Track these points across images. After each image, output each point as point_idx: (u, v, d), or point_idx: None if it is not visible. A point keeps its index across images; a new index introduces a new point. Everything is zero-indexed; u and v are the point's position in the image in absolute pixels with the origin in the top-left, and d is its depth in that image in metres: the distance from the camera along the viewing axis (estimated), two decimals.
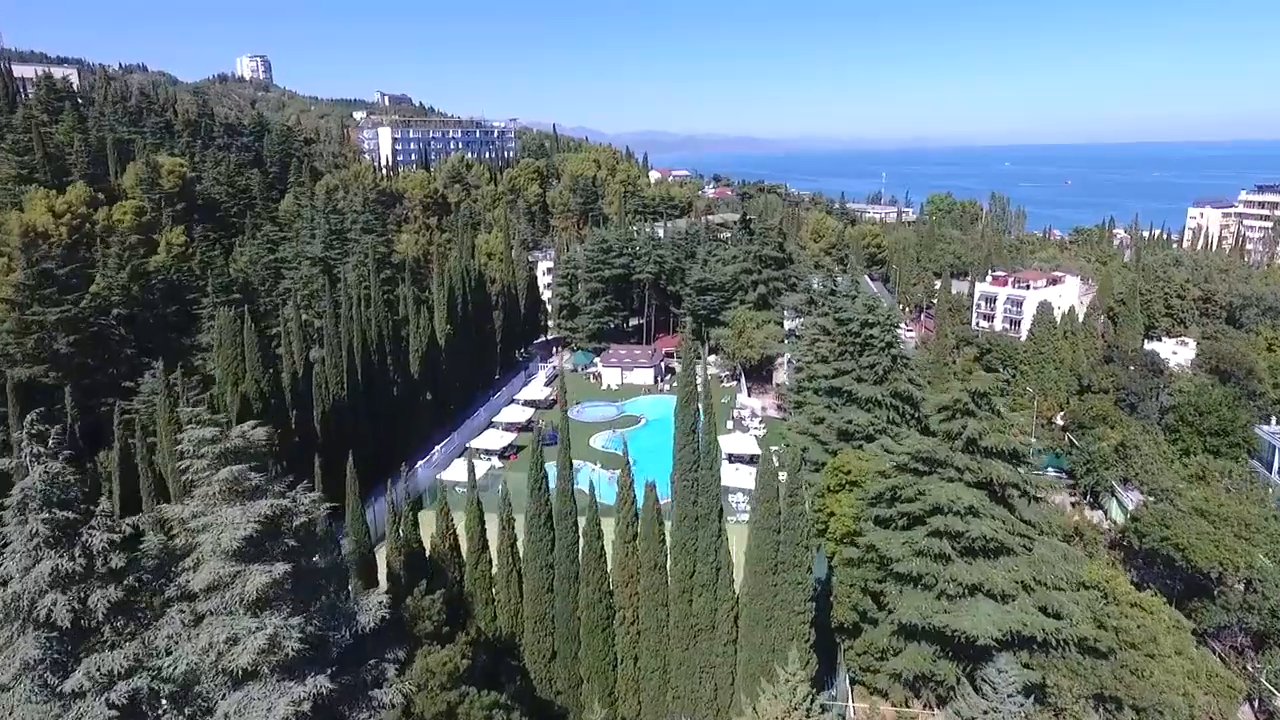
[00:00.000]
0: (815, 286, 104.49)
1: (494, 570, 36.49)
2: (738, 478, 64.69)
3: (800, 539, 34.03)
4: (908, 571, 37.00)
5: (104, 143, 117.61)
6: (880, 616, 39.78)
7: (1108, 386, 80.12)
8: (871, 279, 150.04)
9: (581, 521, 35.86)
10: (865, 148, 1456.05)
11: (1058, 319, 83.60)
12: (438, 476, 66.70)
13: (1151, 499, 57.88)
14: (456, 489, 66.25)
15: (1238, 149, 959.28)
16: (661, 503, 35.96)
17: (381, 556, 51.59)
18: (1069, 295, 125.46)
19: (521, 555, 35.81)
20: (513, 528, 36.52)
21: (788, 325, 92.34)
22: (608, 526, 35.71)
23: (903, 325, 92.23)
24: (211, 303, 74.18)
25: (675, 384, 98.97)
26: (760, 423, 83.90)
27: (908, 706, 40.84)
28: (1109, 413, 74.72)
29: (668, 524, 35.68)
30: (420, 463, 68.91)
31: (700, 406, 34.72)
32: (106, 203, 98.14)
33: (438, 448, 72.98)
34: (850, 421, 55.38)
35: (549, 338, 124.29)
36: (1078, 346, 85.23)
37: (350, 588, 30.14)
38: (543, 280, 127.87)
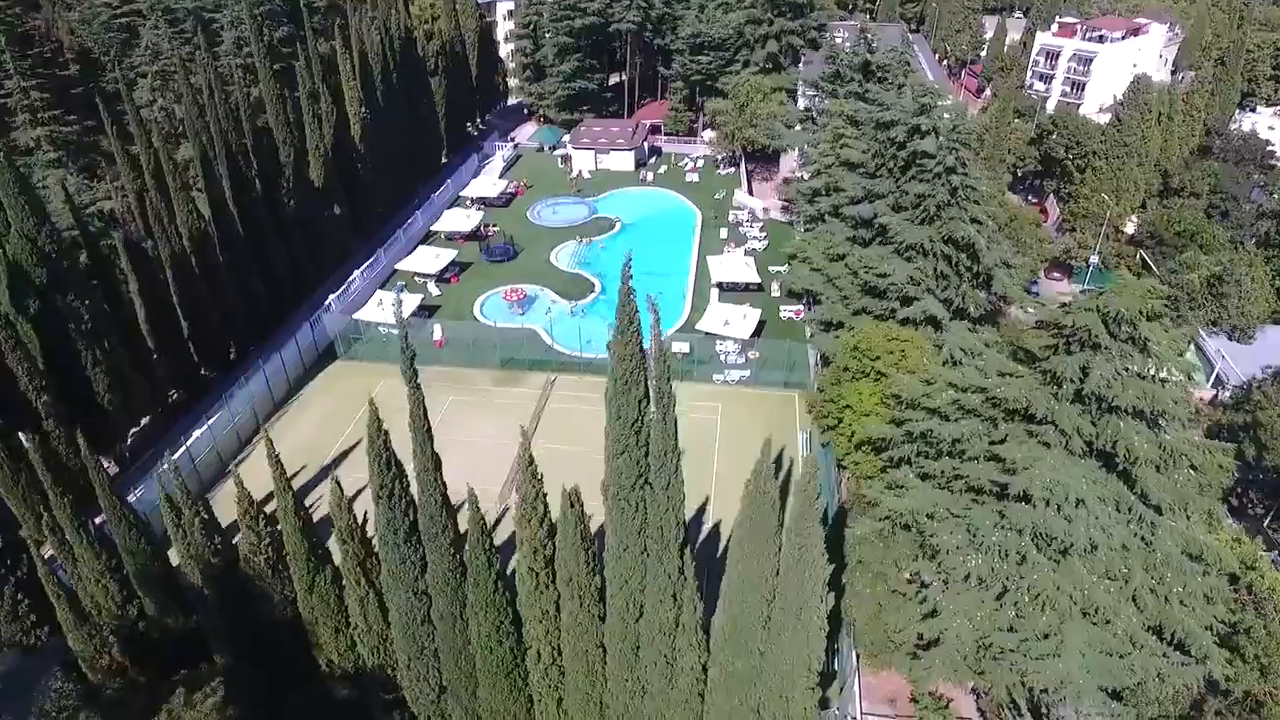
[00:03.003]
0: (841, 43, 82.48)
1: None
2: (730, 320, 51.26)
3: (806, 595, 21.34)
4: (963, 574, 25.04)
5: None
6: (909, 595, 28.53)
7: (1201, 189, 63.40)
8: (905, 21, 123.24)
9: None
10: None
11: (1153, 94, 63.89)
12: (353, 318, 53.06)
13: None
14: (380, 330, 53.16)
15: None
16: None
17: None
18: (1150, 49, 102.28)
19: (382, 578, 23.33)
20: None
21: (802, 103, 72.73)
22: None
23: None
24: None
25: (661, 173, 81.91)
26: (762, 230, 68.32)
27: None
28: (1200, 228, 59.09)
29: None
30: (332, 298, 54.89)
31: (654, 385, 20.03)
32: None
33: (357, 273, 58.47)
34: (883, 275, 40.56)
35: (513, 103, 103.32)
36: (1172, 133, 66.71)
37: None
38: (503, 29, 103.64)
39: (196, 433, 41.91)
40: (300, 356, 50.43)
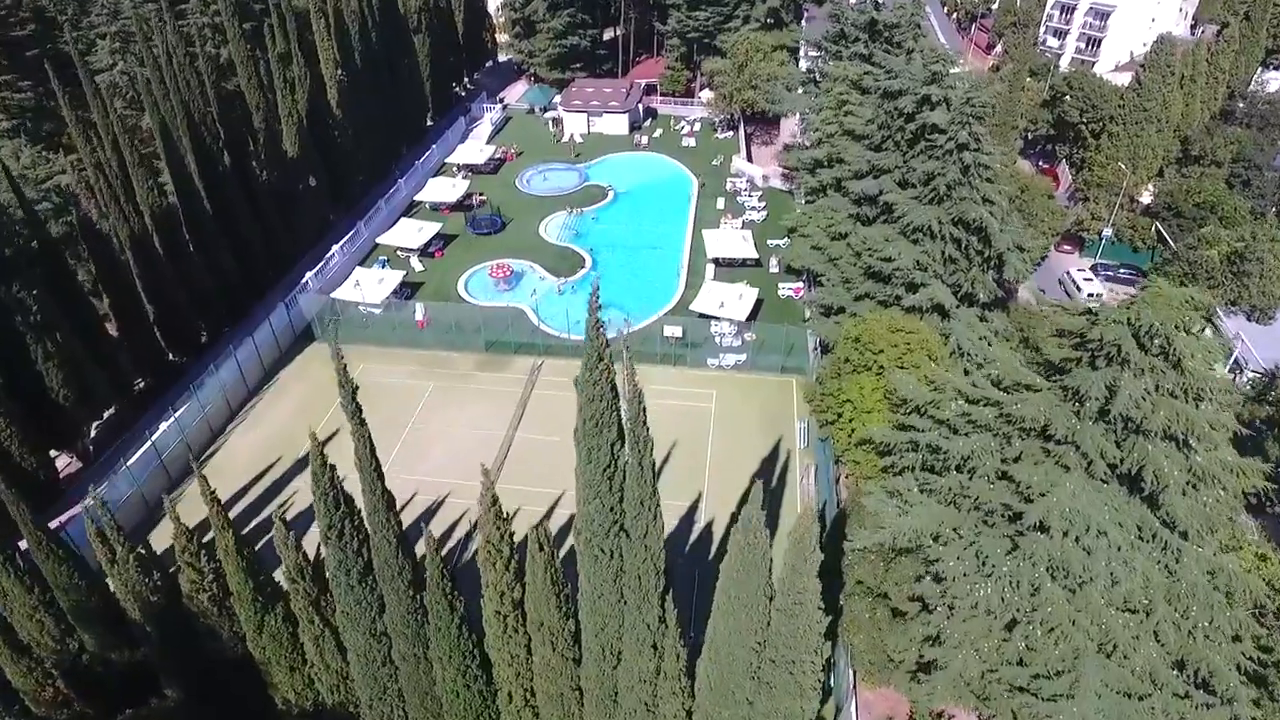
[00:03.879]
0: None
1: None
2: (726, 301, 48.77)
3: (799, 650, 19.32)
4: (970, 602, 23.16)
5: None
6: (911, 614, 26.73)
7: (1224, 157, 60.25)
8: None
9: None
10: None
11: (1175, 58, 60.00)
12: (331, 297, 50.51)
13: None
14: (361, 310, 50.73)
15: None
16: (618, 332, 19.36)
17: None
18: (1170, 2, 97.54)
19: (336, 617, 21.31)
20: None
21: (804, 65, 68.95)
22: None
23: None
24: None
25: (657, 136, 78.14)
26: (761, 199, 65.28)
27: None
28: (1221, 199, 56.16)
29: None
30: (310, 275, 52.25)
31: (630, 428, 17.56)
32: None
33: (336, 248, 55.71)
34: (887, 259, 37.98)
35: (503, 59, 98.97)
36: (1194, 96, 63.11)
37: None
38: None
39: (163, 425, 39.80)
40: (275, 339, 48.07)
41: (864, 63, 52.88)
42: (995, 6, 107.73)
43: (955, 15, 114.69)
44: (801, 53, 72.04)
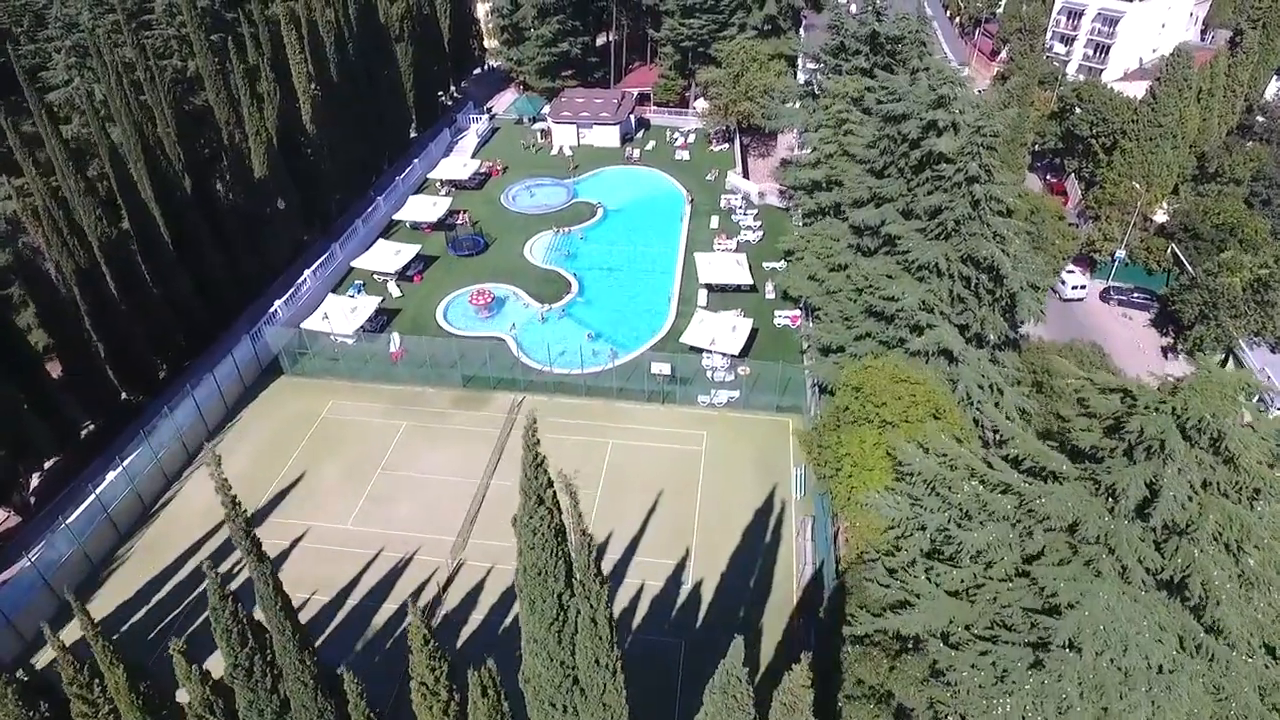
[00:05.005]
0: (846, 3, 75.33)
1: None
2: (718, 336, 45.85)
3: None
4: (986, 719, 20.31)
5: None
6: (918, 711, 23.84)
7: (1243, 175, 57.34)
8: None
9: None
10: None
11: (1193, 70, 56.77)
12: (300, 328, 47.58)
13: None
14: (335, 339, 47.85)
15: None
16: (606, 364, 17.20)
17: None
18: (1181, 6, 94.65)
19: None
20: None
21: (802, 77, 66.03)
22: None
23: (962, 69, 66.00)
24: None
25: (649, 149, 75.00)
26: (756, 218, 62.37)
27: None
28: (1241, 220, 53.24)
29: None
30: (279, 303, 49.31)
31: (579, 579, 14.44)
32: None
33: (308, 272, 52.75)
34: (891, 299, 35.08)
35: (490, 66, 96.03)
36: (1211, 110, 60.13)
37: None
38: None
39: (109, 476, 36.92)
40: (239, 374, 45.15)
41: (865, 76, 50.03)
42: (1000, 11, 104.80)
43: (958, 19, 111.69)
44: (800, 64, 69.09)
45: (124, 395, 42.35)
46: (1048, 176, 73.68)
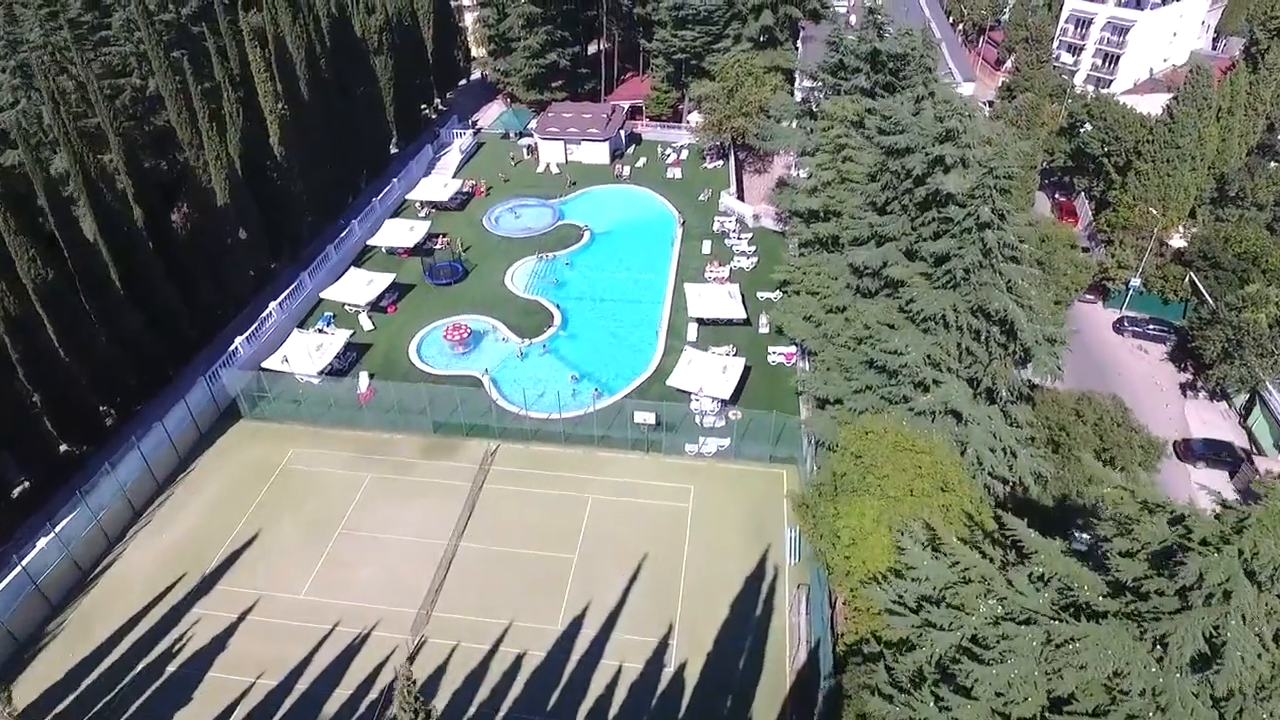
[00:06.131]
0: (846, 13, 72.00)
1: None
2: (706, 383, 42.66)
3: None
4: None
5: None
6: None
7: (1265, 199, 54.19)
8: None
9: None
10: None
11: (1212, 89, 53.37)
12: (260, 369, 44.38)
13: None
14: (300, 379, 44.65)
15: None
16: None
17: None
18: (1193, 14, 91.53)
19: None
20: None
21: (799, 95, 62.81)
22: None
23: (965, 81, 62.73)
24: None
25: (640, 166, 71.87)
26: (751, 242, 59.21)
27: None
28: (1265, 249, 50.14)
29: None
30: (239, 340, 46.13)
31: None
32: None
33: (273, 304, 49.56)
34: (894, 352, 31.92)
35: (478, 77, 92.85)
36: (1231, 129, 56.93)
37: None
38: None
39: (40, 543, 33.81)
40: (194, 420, 42.04)
41: (865, 96, 46.89)
42: (1005, 19, 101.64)
43: (961, 26, 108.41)
44: (797, 81, 65.90)
45: (64, 447, 39.18)
46: (1056, 195, 70.54)
